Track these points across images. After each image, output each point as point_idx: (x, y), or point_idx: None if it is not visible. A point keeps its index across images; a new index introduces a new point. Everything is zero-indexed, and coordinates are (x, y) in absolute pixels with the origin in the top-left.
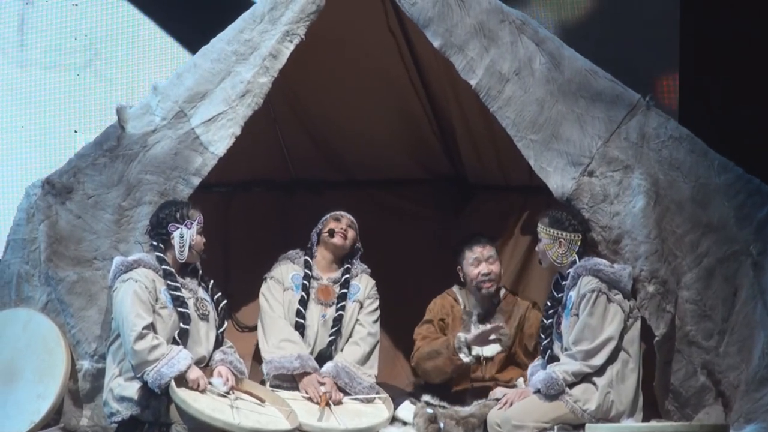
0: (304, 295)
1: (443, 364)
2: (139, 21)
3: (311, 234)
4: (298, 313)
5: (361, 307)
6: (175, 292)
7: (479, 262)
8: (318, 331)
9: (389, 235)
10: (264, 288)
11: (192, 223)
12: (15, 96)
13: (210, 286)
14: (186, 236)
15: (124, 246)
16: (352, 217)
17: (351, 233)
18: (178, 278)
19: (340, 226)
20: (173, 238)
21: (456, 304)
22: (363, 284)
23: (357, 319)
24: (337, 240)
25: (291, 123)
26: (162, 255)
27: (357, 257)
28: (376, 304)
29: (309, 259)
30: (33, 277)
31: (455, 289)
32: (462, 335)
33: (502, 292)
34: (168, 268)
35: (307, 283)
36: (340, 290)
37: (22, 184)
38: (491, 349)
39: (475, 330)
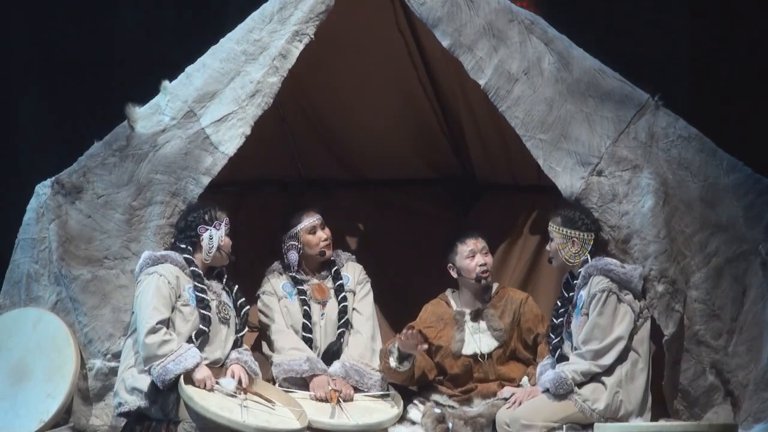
0: (305, 299)
1: (383, 368)
2: None
3: (287, 240)
4: (305, 315)
5: (354, 294)
6: (201, 294)
7: (474, 253)
8: (320, 330)
9: (397, 234)
10: (260, 305)
11: (220, 225)
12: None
13: (234, 290)
14: (215, 237)
15: (135, 245)
16: (319, 215)
17: (329, 232)
18: (205, 280)
19: (322, 238)
20: (203, 239)
21: (448, 308)
22: (351, 272)
23: (354, 308)
24: (328, 254)
25: (300, 122)
26: (190, 257)
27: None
28: (368, 286)
29: (293, 261)
30: (42, 277)
31: (447, 292)
32: (394, 342)
33: (495, 287)
34: (196, 269)
35: (303, 288)
36: (334, 284)
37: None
38: (488, 345)
39: (467, 328)
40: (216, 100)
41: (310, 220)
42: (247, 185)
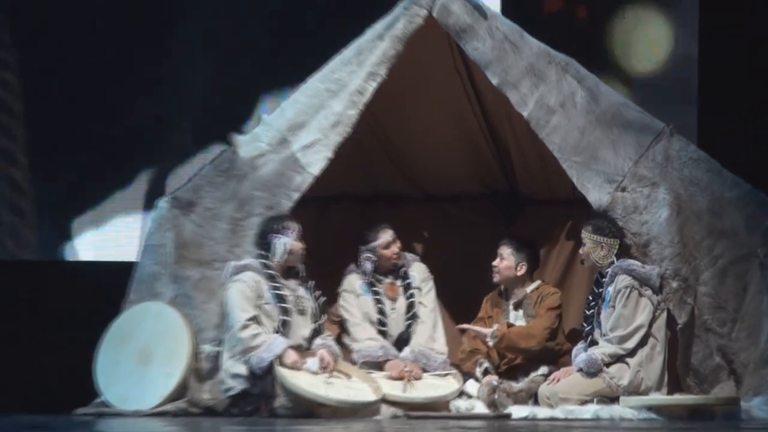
0: (379, 298)
1: (468, 366)
2: None
3: (365, 251)
4: (380, 311)
5: (420, 290)
6: (276, 291)
7: (497, 256)
8: (392, 322)
9: (453, 240)
10: (341, 301)
11: (289, 232)
12: None
13: (310, 286)
14: (285, 243)
15: (238, 250)
16: (392, 230)
17: (400, 244)
18: (281, 280)
19: (394, 252)
20: (276, 246)
21: (500, 298)
22: (417, 272)
23: (420, 302)
24: (399, 264)
25: (374, 147)
26: (266, 261)
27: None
28: (431, 283)
29: (369, 270)
30: (163, 276)
31: (502, 285)
32: (485, 361)
33: (536, 284)
34: (271, 271)
35: (377, 289)
36: (403, 282)
37: None
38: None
39: (511, 315)
40: (304, 129)
41: (385, 237)
42: (329, 199)
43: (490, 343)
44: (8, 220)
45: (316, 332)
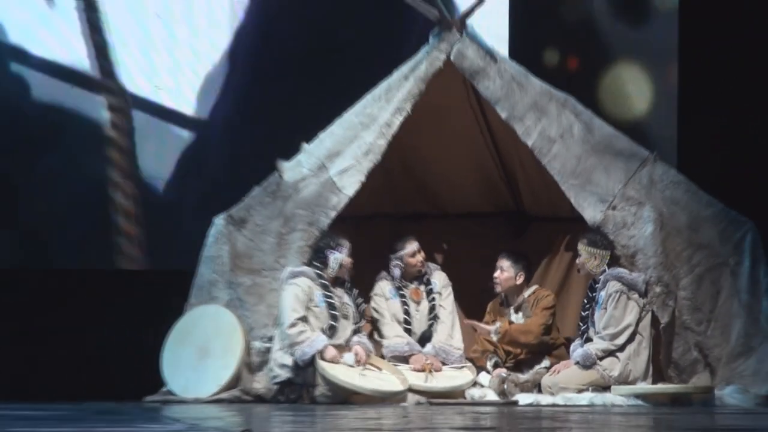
0: (405, 300)
1: (480, 362)
2: None
3: (394, 259)
4: (406, 312)
5: (440, 295)
6: (328, 300)
7: (496, 269)
8: (416, 321)
9: (469, 252)
10: (372, 303)
11: (342, 249)
12: None
13: (354, 294)
14: (338, 258)
15: (283, 260)
16: (417, 241)
17: (423, 254)
18: (331, 289)
19: (419, 260)
20: (329, 260)
21: (501, 306)
22: (437, 279)
23: (440, 305)
24: (422, 271)
25: (400, 172)
26: (320, 272)
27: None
28: (450, 289)
29: (397, 275)
30: (219, 283)
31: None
32: (494, 355)
33: (533, 288)
34: (324, 281)
35: (403, 292)
36: (426, 287)
37: None
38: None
39: (512, 318)
40: (340, 157)
41: (411, 247)
42: (363, 217)
43: (494, 338)
44: (119, 242)
45: (354, 332)
